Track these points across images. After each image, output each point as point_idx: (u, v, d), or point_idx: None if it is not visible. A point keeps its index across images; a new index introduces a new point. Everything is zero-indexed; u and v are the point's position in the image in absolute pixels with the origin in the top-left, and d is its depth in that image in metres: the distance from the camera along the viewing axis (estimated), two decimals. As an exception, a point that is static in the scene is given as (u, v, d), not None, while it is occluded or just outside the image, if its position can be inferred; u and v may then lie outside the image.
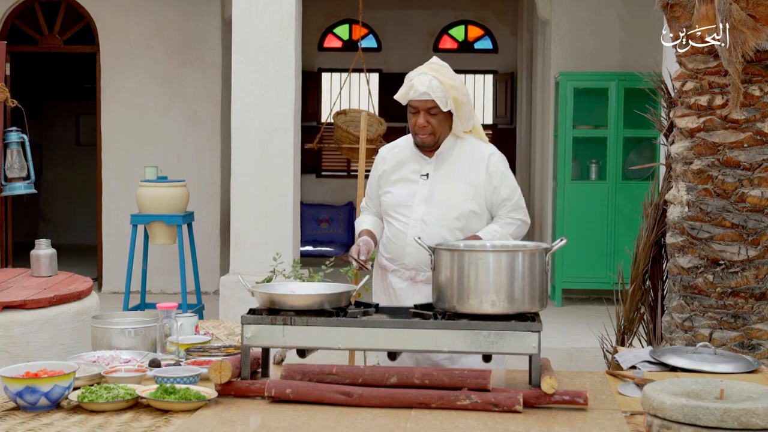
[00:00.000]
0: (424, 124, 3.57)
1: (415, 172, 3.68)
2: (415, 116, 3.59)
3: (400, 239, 3.66)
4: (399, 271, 3.68)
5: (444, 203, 3.60)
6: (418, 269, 3.62)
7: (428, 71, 3.56)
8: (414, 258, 3.61)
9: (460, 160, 3.65)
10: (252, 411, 2.75)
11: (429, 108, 3.55)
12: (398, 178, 3.71)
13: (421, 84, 3.52)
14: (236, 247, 7.22)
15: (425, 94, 3.51)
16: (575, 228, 8.53)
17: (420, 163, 3.68)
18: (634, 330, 5.14)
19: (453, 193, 3.61)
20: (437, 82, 3.52)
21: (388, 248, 3.73)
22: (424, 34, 12.52)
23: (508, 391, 2.77)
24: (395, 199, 3.69)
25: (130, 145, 9.41)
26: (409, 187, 3.67)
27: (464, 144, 3.67)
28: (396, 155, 3.76)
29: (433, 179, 3.64)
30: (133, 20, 9.37)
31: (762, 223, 4.31)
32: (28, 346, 4.33)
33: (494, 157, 3.67)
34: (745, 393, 2.40)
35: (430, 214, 3.61)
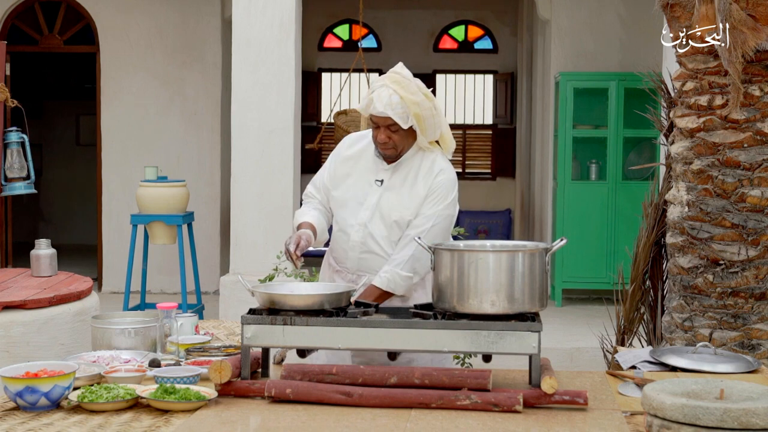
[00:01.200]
0: (385, 140, 3.43)
1: (370, 175, 3.54)
2: (376, 131, 3.46)
3: (343, 241, 3.55)
4: (342, 272, 3.57)
5: (387, 213, 3.49)
6: (358, 273, 3.51)
7: (390, 84, 3.38)
8: (355, 262, 3.52)
9: (413, 173, 3.52)
10: (252, 411, 2.75)
11: (389, 125, 3.40)
12: (352, 174, 3.57)
13: (380, 101, 3.35)
14: (236, 247, 7.22)
15: (383, 112, 3.35)
16: (575, 228, 8.53)
17: (377, 167, 3.54)
18: (634, 330, 5.14)
19: (397, 205, 3.48)
20: (398, 97, 3.34)
21: (334, 247, 3.60)
22: (424, 34, 12.52)
23: (508, 391, 2.76)
24: (345, 197, 3.56)
25: (130, 145, 9.41)
26: (362, 189, 3.54)
27: (424, 157, 3.52)
28: (358, 150, 3.60)
29: (386, 186, 3.51)
30: (133, 20, 9.37)
31: (762, 223, 4.31)
32: (28, 346, 4.33)
33: (441, 176, 3.50)
34: (745, 393, 2.40)
35: (374, 222, 3.49)
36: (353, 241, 3.51)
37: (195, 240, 8.06)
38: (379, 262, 3.49)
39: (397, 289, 3.44)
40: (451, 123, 12.70)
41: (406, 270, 3.43)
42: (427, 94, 3.41)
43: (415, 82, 3.42)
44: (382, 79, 3.44)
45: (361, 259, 3.51)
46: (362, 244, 3.50)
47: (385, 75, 3.45)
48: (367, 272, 3.49)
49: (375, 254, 3.50)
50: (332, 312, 2.96)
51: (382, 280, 3.42)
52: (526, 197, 11.21)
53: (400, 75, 3.43)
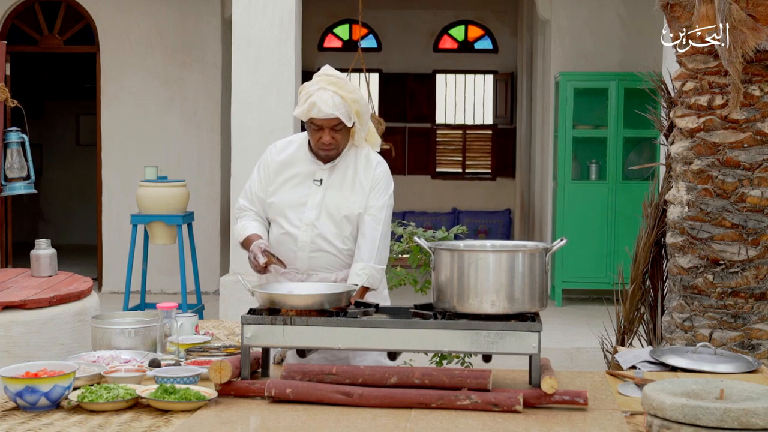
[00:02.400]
0: (330, 141, 3.49)
1: (307, 176, 3.60)
2: (318, 133, 3.49)
3: (290, 243, 3.58)
4: (290, 274, 3.60)
5: (335, 210, 3.56)
6: (309, 272, 3.58)
7: (327, 86, 3.45)
8: (305, 261, 3.57)
9: (352, 168, 3.60)
10: (252, 411, 2.75)
11: (334, 125, 3.47)
12: (288, 179, 3.62)
13: (325, 103, 3.41)
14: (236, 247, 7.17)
15: (331, 114, 3.42)
16: (575, 228, 8.53)
17: (313, 167, 3.60)
18: (634, 330, 5.14)
19: (344, 202, 3.56)
20: (339, 98, 3.43)
21: (278, 251, 3.61)
22: (424, 34, 12.52)
23: (508, 391, 2.77)
24: (285, 201, 3.61)
25: (130, 145, 9.41)
26: (302, 191, 3.60)
27: (358, 153, 3.61)
28: (288, 154, 3.65)
29: (326, 185, 3.58)
30: (133, 20, 9.37)
31: (762, 223, 4.31)
32: (28, 346, 4.33)
33: (379, 168, 3.62)
34: (745, 393, 2.40)
35: (321, 220, 3.55)
36: (302, 241, 3.57)
37: (195, 240, 8.06)
38: (329, 259, 3.57)
39: (374, 283, 3.53)
40: (451, 123, 12.84)
41: (378, 263, 3.55)
42: (361, 92, 3.55)
43: (349, 81, 3.52)
44: (315, 82, 3.49)
45: (312, 257, 3.57)
46: (312, 243, 3.56)
47: (317, 78, 3.51)
48: (318, 271, 3.56)
49: (325, 252, 3.57)
50: (332, 312, 2.97)
51: (361, 277, 3.49)
52: (526, 197, 11.21)
53: (335, 76, 3.51)
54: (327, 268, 3.58)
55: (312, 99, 3.44)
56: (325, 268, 3.58)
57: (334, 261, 3.58)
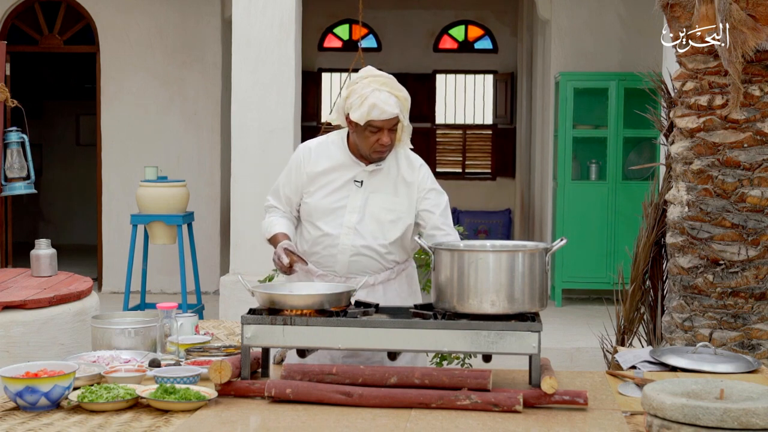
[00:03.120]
0: (389, 142, 3.44)
1: (347, 178, 3.53)
2: (376, 135, 3.42)
3: (329, 245, 3.51)
4: (327, 276, 3.53)
5: (379, 214, 3.49)
6: (348, 276, 3.50)
7: (381, 87, 3.40)
8: (344, 265, 3.50)
9: (393, 169, 3.54)
10: (252, 411, 2.75)
11: (392, 126, 3.43)
12: (328, 182, 3.54)
13: (387, 104, 3.36)
14: (236, 247, 7.22)
15: (393, 114, 3.38)
16: (575, 228, 8.53)
17: (354, 169, 3.53)
18: (634, 330, 5.14)
19: (387, 205, 3.50)
20: (394, 98, 3.40)
21: (315, 252, 3.55)
22: (424, 34, 12.52)
23: (508, 391, 2.77)
24: (324, 204, 3.53)
25: (130, 145, 9.41)
26: (341, 193, 3.52)
27: (397, 152, 3.56)
28: (325, 156, 3.57)
29: (367, 187, 3.51)
30: (133, 20, 9.38)
31: (762, 223, 4.31)
32: (28, 346, 4.33)
33: (423, 168, 3.59)
34: (745, 393, 2.40)
35: (364, 223, 3.49)
36: (343, 244, 3.50)
37: (195, 240, 8.06)
38: (368, 264, 3.51)
39: None
40: (451, 123, 12.84)
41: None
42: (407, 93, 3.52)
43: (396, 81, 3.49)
44: (366, 84, 3.43)
45: (352, 261, 3.50)
46: (352, 246, 3.49)
47: (366, 80, 3.44)
48: (356, 274, 3.49)
49: (366, 256, 3.50)
50: (332, 312, 2.97)
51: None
52: (526, 197, 11.21)
53: (384, 77, 3.46)
54: (366, 271, 3.50)
55: (370, 101, 3.37)
56: (364, 272, 3.49)
57: (374, 265, 3.51)
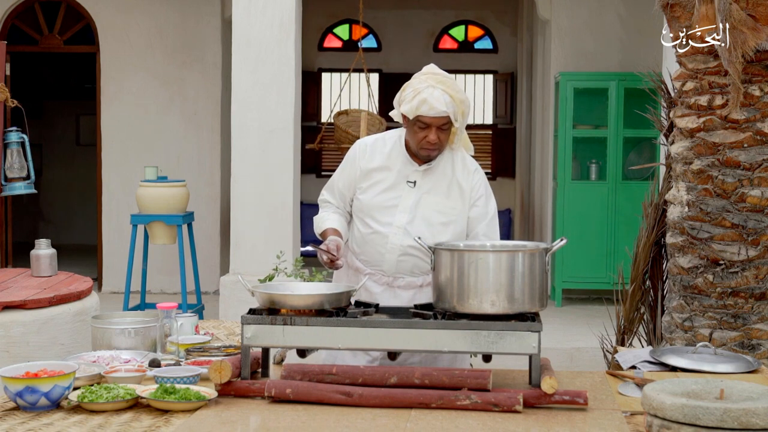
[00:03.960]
0: (436, 141, 3.41)
1: (401, 177, 3.52)
2: (424, 131, 3.41)
3: (378, 244, 3.51)
4: (375, 275, 3.52)
5: (430, 215, 3.48)
6: (395, 275, 3.50)
7: (436, 84, 3.38)
8: (393, 264, 3.49)
9: (448, 172, 3.53)
10: (252, 411, 2.75)
11: (441, 124, 3.40)
12: (381, 179, 3.54)
13: (437, 101, 3.34)
14: (236, 247, 7.22)
15: (444, 112, 3.35)
16: (575, 228, 8.53)
17: (408, 168, 3.52)
18: (634, 330, 5.14)
19: (439, 207, 3.49)
20: (448, 97, 3.36)
21: (364, 251, 3.56)
22: (424, 34, 12.52)
23: (508, 391, 2.77)
24: (376, 202, 3.52)
25: (130, 145, 9.41)
26: (394, 192, 3.51)
27: (454, 155, 3.55)
28: (380, 153, 3.57)
29: (420, 188, 3.50)
30: (133, 20, 9.38)
31: (762, 223, 4.31)
32: (28, 346, 4.33)
33: (477, 174, 3.56)
34: (745, 393, 2.40)
35: (414, 224, 3.47)
36: (392, 243, 3.48)
37: (195, 240, 8.06)
38: (416, 264, 3.48)
39: None
40: (451, 123, 12.83)
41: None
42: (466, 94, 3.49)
43: (456, 81, 3.46)
44: (424, 80, 3.41)
45: (400, 261, 3.49)
46: (401, 246, 3.48)
47: (426, 76, 3.42)
48: (404, 275, 3.49)
49: (414, 256, 3.48)
50: (332, 312, 2.97)
51: None
52: (526, 197, 11.21)
53: (442, 75, 3.44)
54: (414, 272, 3.49)
55: (422, 96, 3.36)
56: (413, 272, 3.49)
57: (422, 266, 3.48)
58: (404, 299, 3.45)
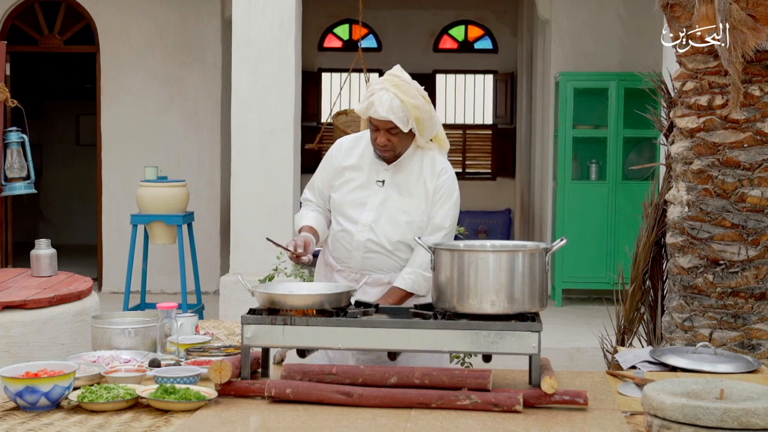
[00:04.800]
0: (385, 143, 3.45)
1: (371, 176, 3.56)
2: (375, 133, 3.47)
3: (346, 241, 3.56)
4: (344, 272, 3.58)
5: (395, 214, 3.52)
6: (362, 272, 3.53)
7: (390, 87, 3.40)
8: (359, 261, 3.54)
9: (416, 172, 3.55)
10: (252, 411, 2.75)
11: (389, 128, 3.43)
12: (353, 178, 3.59)
13: (381, 105, 3.37)
14: (236, 247, 7.22)
15: (385, 117, 3.38)
16: (575, 228, 8.53)
17: (377, 167, 3.56)
18: (634, 330, 5.14)
19: (405, 206, 3.52)
20: (398, 101, 3.37)
21: (335, 247, 3.62)
22: (424, 34, 12.52)
23: (508, 391, 2.76)
24: (347, 200, 3.58)
25: (130, 145, 9.41)
26: (363, 190, 3.56)
27: (424, 156, 3.57)
28: (355, 152, 3.62)
29: (388, 187, 3.54)
30: (133, 20, 9.38)
31: (762, 223, 4.31)
32: (28, 346, 4.33)
33: (444, 175, 3.56)
34: (745, 393, 2.40)
35: (379, 222, 3.51)
36: (357, 241, 3.53)
37: (195, 240, 8.06)
38: (382, 261, 3.53)
39: (420, 289, 3.48)
40: (451, 123, 12.82)
41: (428, 270, 3.43)
42: (425, 97, 3.47)
43: (414, 85, 3.46)
44: (381, 81, 3.46)
45: (365, 258, 3.54)
46: (367, 243, 3.53)
47: (384, 77, 3.47)
48: (371, 272, 3.53)
49: (379, 254, 3.53)
50: (332, 312, 2.97)
51: (406, 282, 3.46)
52: (526, 197, 11.21)
53: (400, 78, 3.46)
54: (380, 269, 3.54)
55: (372, 98, 3.41)
56: (379, 269, 3.54)
57: (389, 263, 3.53)
58: (372, 296, 3.47)
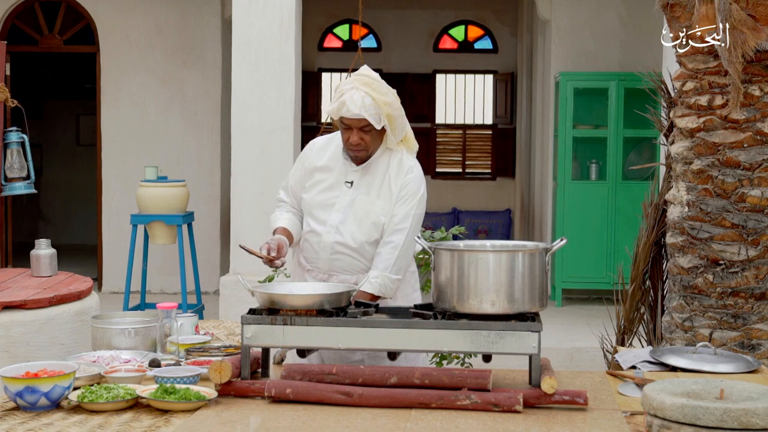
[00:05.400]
0: (358, 142, 3.46)
1: (341, 177, 3.57)
2: (347, 132, 3.48)
3: (314, 242, 3.58)
4: (313, 272, 3.60)
5: (361, 215, 3.52)
6: (330, 272, 3.55)
7: (360, 86, 3.42)
8: (326, 262, 3.55)
9: (383, 173, 3.56)
10: (252, 411, 2.75)
11: (362, 126, 3.44)
12: (323, 179, 3.60)
13: (354, 104, 3.39)
14: (236, 247, 7.21)
15: (359, 114, 3.39)
16: (575, 228, 8.53)
17: (346, 168, 3.57)
18: (634, 330, 5.14)
19: (371, 207, 3.52)
20: (370, 99, 3.39)
21: (304, 248, 3.64)
22: (424, 34, 12.52)
23: (508, 391, 2.77)
24: (316, 201, 3.59)
25: (130, 145, 9.41)
26: (332, 191, 3.57)
27: (392, 156, 3.58)
28: (327, 153, 3.63)
29: (356, 188, 3.55)
30: (133, 20, 9.38)
31: (762, 223, 4.31)
32: (28, 346, 4.33)
33: (410, 174, 3.57)
34: (745, 393, 2.40)
35: (346, 223, 3.53)
36: (325, 242, 3.55)
37: (195, 240, 8.06)
38: (349, 263, 3.54)
39: (387, 292, 3.48)
40: (451, 123, 12.83)
41: (395, 273, 3.49)
42: (395, 95, 3.51)
43: (384, 83, 3.49)
44: (350, 81, 3.47)
45: (333, 259, 3.55)
46: (334, 245, 3.53)
47: (353, 77, 3.49)
48: (338, 272, 3.54)
49: (346, 255, 3.54)
50: (332, 312, 2.97)
51: (373, 285, 3.44)
52: (526, 197, 11.21)
53: (369, 77, 3.48)
54: (347, 270, 3.54)
55: (343, 98, 3.42)
56: (346, 270, 3.54)
57: (355, 264, 3.54)
58: None
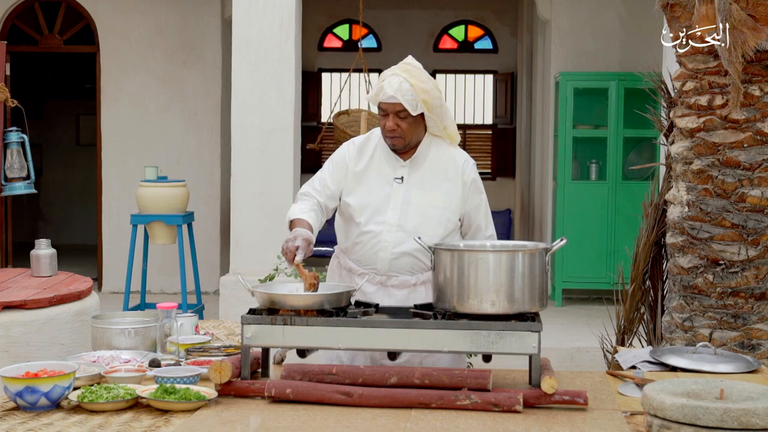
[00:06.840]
0: (393, 127, 3.42)
1: (387, 174, 3.51)
2: (384, 119, 3.45)
3: (371, 244, 3.48)
4: (368, 275, 3.48)
5: (422, 210, 3.46)
6: (389, 274, 3.48)
7: (400, 72, 3.42)
8: (386, 263, 3.47)
9: (435, 165, 3.52)
10: (252, 411, 2.75)
11: (398, 111, 3.41)
12: (369, 179, 3.53)
13: (390, 86, 3.38)
14: (236, 247, 7.22)
15: (393, 97, 3.38)
16: (575, 228, 8.53)
17: (393, 164, 3.52)
18: (634, 330, 5.14)
19: (431, 201, 3.47)
20: (408, 84, 3.38)
21: (356, 251, 3.53)
22: (424, 34, 12.52)
23: (508, 391, 2.77)
24: (366, 202, 3.50)
25: (130, 145, 9.42)
26: (382, 190, 3.50)
27: (439, 148, 3.55)
28: (367, 153, 3.56)
29: (409, 184, 3.49)
30: (133, 20, 9.38)
31: (762, 223, 4.31)
32: (28, 346, 4.34)
33: (468, 164, 3.57)
34: (745, 393, 2.40)
35: (408, 221, 3.45)
36: (386, 242, 3.46)
37: (195, 240, 8.06)
38: (411, 262, 3.46)
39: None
40: (451, 123, 12.83)
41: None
42: (436, 85, 3.48)
43: (425, 73, 3.48)
44: (392, 68, 3.48)
45: (395, 259, 3.47)
46: (395, 245, 3.45)
47: (396, 66, 3.49)
48: (398, 273, 3.47)
49: (410, 255, 3.45)
50: (332, 312, 2.97)
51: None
52: (526, 197, 11.21)
53: (411, 65, 3.48)
54: (409, 270, 3.47)
55: (382, 83, 3.43)
56: (407, 271, 3.47)
57: (417, 264, 3.47)
58: (398, 298, 3.44)
